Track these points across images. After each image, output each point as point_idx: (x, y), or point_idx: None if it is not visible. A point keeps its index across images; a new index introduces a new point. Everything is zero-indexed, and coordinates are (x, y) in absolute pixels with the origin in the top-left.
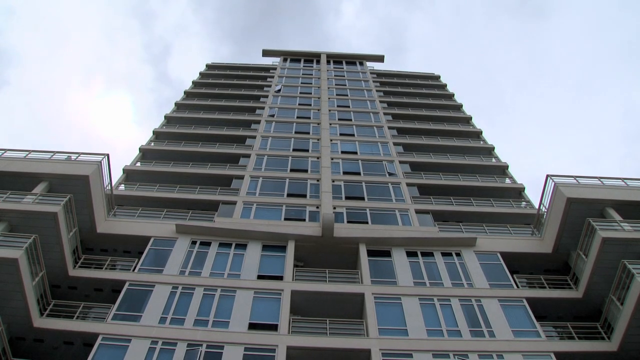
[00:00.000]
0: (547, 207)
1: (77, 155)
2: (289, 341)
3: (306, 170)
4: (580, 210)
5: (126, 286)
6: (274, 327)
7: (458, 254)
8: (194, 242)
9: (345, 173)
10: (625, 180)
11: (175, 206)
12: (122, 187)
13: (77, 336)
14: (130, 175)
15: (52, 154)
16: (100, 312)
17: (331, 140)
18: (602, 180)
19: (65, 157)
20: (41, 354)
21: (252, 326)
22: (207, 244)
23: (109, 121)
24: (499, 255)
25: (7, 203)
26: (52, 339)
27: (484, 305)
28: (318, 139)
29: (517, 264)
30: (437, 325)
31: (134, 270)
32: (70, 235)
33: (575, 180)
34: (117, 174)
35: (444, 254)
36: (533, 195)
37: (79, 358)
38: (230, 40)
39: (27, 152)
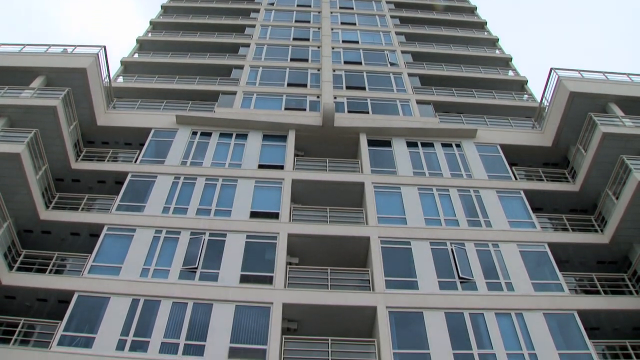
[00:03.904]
0: (549, 100)
1: (73, 48)
2: (289, 229)
3: (307, 60)
4: (583, 104)
5: (129, 177)
6: (275, 216)
7: (458, 145)
8: (194, 133)
9: (346, 62)
10: (630, 76)
11: (175, 97)
12: (120, 79)
13: (83, 227)
14: (128, 67)
15: (47, 47)
16: (104, 204)
17: (332, 29)
18: (606, 75)
19: (62, 50)
20: (49, 245)
21: (254, 214)
22: (207, 135)
23: (105, 13)
24: (498, 147)
25: (5, 98)
26: (59, 230)
27: (481, 195)
28: (319, 28)
29: (517, 156)
30: (435, 215)
31: (135, 161)
32: (71, 129)
33: (579, 74)
34: (115, 67)
35: (444, 145)
36: (536, 89)
37: (86, 248)
38: None
39: (22, 46)
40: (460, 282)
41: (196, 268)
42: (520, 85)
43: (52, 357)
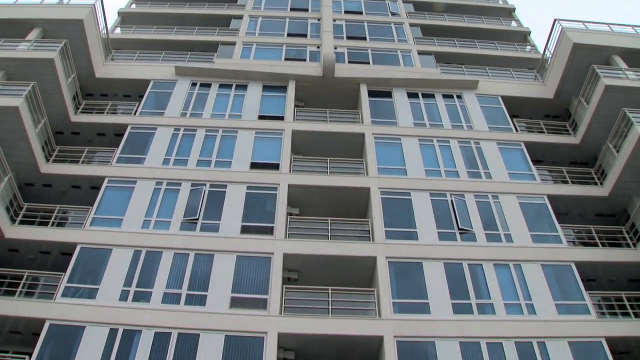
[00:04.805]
0: (552, 52)
1: None
2: (290, 179)
3: (307, 9)
4: (586, 56)
5: (128, 130)
6: (275, 167)
7: (459, 96)
8: (194, 84)
9: (346, 12)
10: (634, 28)
11: (174, 48)
12: (118, 30)
13: (83, 180)
14: (125, 18)
15: None
16: (104, 156)
17: None
18: (610, 26)
19: (57, 1)
20: (50, 198)
21: (254, 165)
22: (207, 86)
23: None
24: (499, 98)
25: (1, 51)
26: (60, 183)
27: (482, 147)
28: None
29: (518, 108)
30: (435, 166)
31: (135, 113)
32: (69, 81)
33: (583, 26)
34: (112, 18)
35: (445, 96)
36: (539, 41)
37: (87, 201)
38: None
39: None
40: (460, 233)
41: (197, 219)
42: (523, 37)
43: (56, 308)
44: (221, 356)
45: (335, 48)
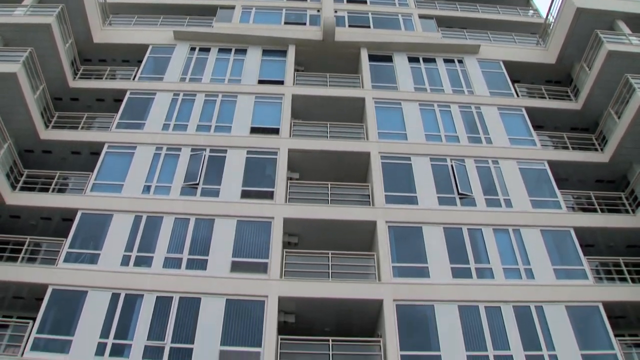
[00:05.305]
0: (555, 16)
1: None
2: (290, 144)
3: None
4: (589, 21)
5: (127, 95)
6: (275, 131)
7: (460, 61)
8: (193, 49)
9: None
10: None
11: (172, 12)
12: None
13: (83, 146)
14: None
15: None
16: (104, 122)
17: None
18: None
19: None
20: (50, 165)
21: (254, 130)
22: (206, 50)
23: None
24: (501, 63)
25: None
26: (60, 150)
27: (483, 112)
28: None
29: (519, 73)
30: (435, 131)
31: (134, 79)
32: (67, 47)
33: None
34: None
35: (446, 61)
36: (543, 5)
37: (87, 167)
38: None
39: None
40: (460, 198)
41: (197, 184)
42: (525, 0)
43: (58, 273)
44: (222, 320)
45: (336, 12)
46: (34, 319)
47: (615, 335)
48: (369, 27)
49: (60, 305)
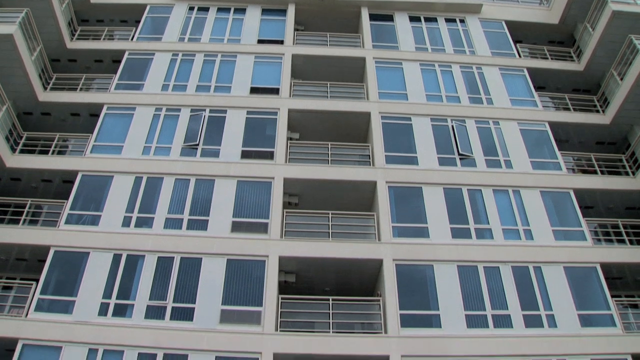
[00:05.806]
0: None
1: None
2: (290, 104)
3: None
4: None
5: (126, 56)
6: (275, 91)
7: (462, 21)
8: (191, 8)
9: None
10: None
11: None
12: None
13: (82, 107)
14: None
15: None
16: (102, 83)
17: None
18: None
19: None
20: (50, 127)
21: (254, 90)
22: (205, 9)
23: None
24: (503, 23)
25: None
26: (59, 111)
27: (484, 72)
28: None
29: (522, 33)
30: (436, 91)
31: (132, 39)
32: (64, 7)
33: None
34: None
35: (447, 20)
36: None
37: (86, 129)
38: None
39: None
40: (460, 159)
41: (197, 145)
42: None
43: (60, 235)
44: (223, 279)
45: None
46: (37, 281)
47: (612, 296)
48: None
49: (63, 267)
